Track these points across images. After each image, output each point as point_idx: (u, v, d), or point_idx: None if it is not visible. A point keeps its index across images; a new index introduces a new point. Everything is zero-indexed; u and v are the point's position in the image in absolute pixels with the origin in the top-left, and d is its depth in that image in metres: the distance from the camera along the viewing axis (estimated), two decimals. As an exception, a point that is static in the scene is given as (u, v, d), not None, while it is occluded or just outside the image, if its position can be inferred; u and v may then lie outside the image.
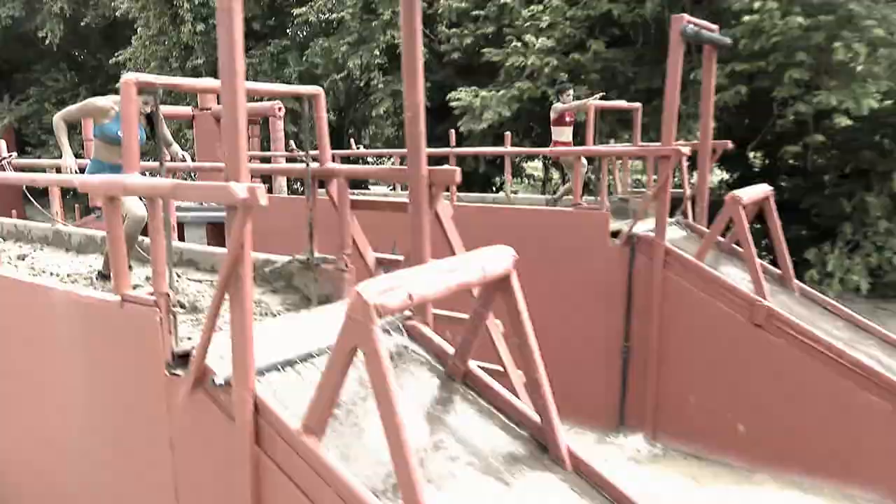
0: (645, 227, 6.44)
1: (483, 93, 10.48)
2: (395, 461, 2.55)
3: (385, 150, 12.81)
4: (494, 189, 14.10)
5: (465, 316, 3.47)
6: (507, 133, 8.15)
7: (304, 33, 12.49)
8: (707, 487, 5.76)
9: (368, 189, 11.99)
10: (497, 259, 3.15)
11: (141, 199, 3.97)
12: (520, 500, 3.14)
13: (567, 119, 7.87)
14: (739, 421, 6.02)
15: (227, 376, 2.93)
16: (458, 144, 10.94)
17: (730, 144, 7.19)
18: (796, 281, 6.66)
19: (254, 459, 2.91)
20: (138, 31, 15.94)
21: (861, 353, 5.73)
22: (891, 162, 9.65)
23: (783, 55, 8.75)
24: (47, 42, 19.96)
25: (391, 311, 2.57)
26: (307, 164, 3.92)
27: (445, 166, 3.61)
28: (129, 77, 3.05)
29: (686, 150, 6.02)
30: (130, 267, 3.88)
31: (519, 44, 10.30)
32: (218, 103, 10.22)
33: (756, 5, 8.40)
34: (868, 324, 6.36)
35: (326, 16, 11.95)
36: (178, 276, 4.83)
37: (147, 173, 4.18)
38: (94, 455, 3.74)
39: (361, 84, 11.64)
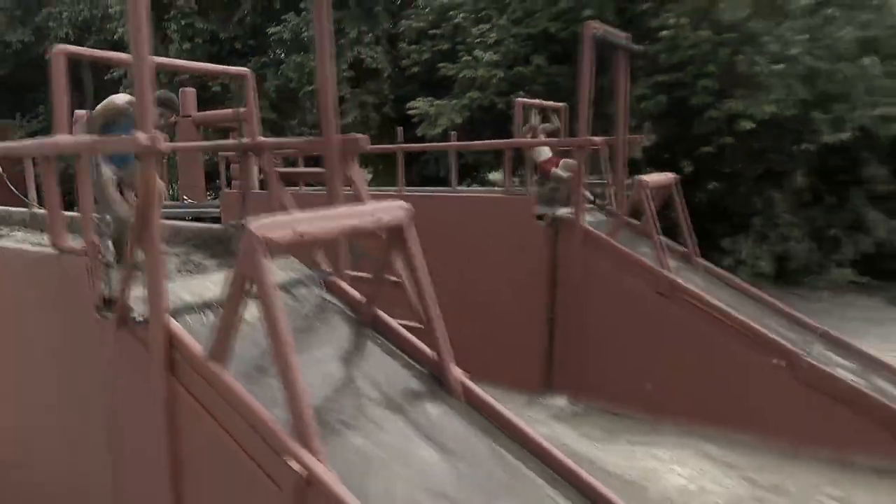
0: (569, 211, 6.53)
1: (437, 102, 10.57)
2: (284, 382, 2.56)
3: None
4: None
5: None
6: (453, 132, 8.23)
7: (281, 51, 12.52)
8: (617, 437, 5.82)
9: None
10: (391, 210, 3.19)
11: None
12: (418, 431, 3.16)
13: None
14: (647, 380, 6.09)
15: (146, 314, 2.93)
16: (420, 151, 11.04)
17: (640, 139, 7.30)
18: (700, 259, 6.78)
19: (168, 387, 2.90)
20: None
21: (753, 318, 5.86)
22: (793, 163, 9.86)
23: (697, 67, 8.94)
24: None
25: (279, 244, 2.59)
26: (239, 140, 3.95)
27: (355, 134, 3.64)
28: (59, 48, 3.06)
29: (598, 140, 6.13)
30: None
31: (469, 58, 10.40)
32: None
33: (671, 21, 8.58)
34: (759, 294, 6.52)
35: (301, 34, 12.01)
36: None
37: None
38: (38, 396, 3.70)
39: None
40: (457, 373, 3.33)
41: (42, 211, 6.18)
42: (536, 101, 7.70)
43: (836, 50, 8.75)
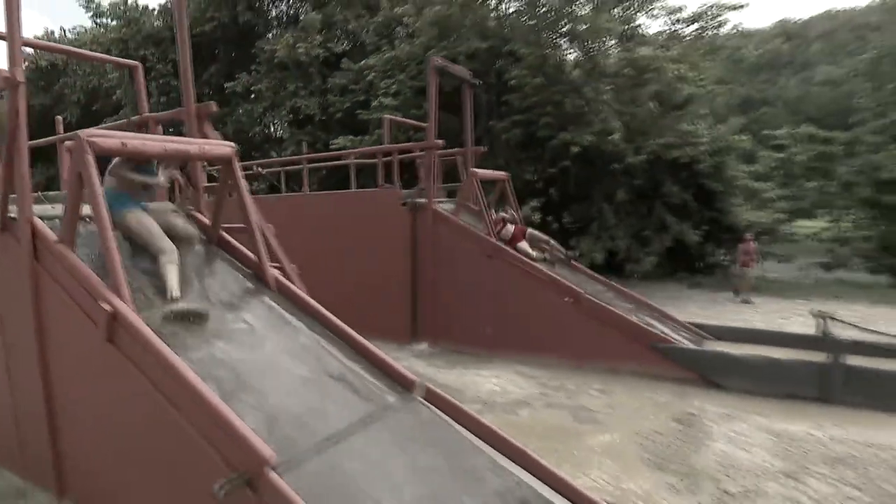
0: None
1: (354, 138, 10.99)
2: (103, 248, 2.76)
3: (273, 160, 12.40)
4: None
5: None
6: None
7: (235, 101, 12.77)
8: (456, 366, 6.10)
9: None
10: (219, 147, 3.48)
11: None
12: (239, 311, 3.37)
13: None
14: (485, 324, 6.42)
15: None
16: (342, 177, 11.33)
17: (483, 149, 7.82)
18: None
19: (33, 271, 3.06)
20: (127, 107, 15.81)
21: (553, 272, 6.32)
22: (616, 185, 10.64)
23: (540, 109, 9.69)
24: (67, 121, 19.50)
25: (102, 149, 2.83)
26: (128, 120, 4.17)
27: (208, 102, 3.93)
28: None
29: (441, 143, 6.64)
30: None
31: (377, 104, 10.91)
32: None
33: (515, 73, 9.34)
34: (574, 262, 7.02)
35: (250, 87, 12.36)
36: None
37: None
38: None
39: (275, 136, 12.03)
40: (272, 271, 3.59)
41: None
42: (401, 118, 8.21)
43: (637, 100, 9.70)
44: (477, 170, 6.70)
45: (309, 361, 3.12)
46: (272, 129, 11.87)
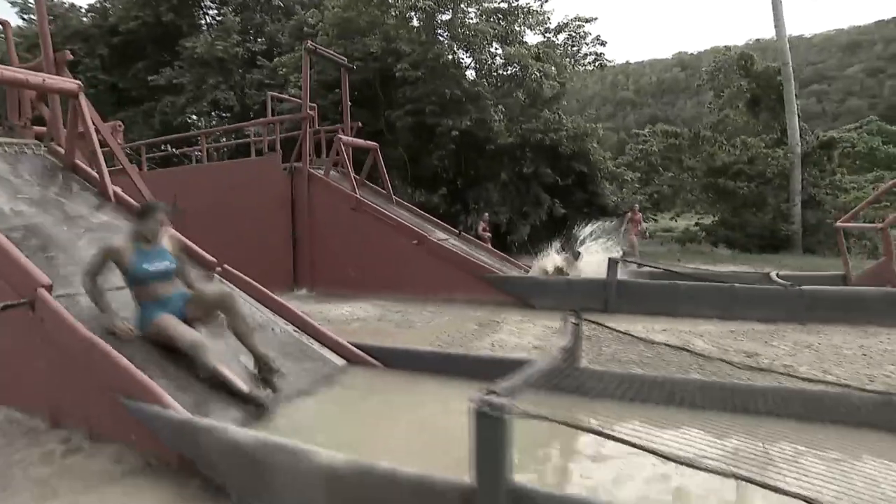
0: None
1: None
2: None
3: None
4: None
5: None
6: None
7: (160, 94, 12.88)
8: (329, 303, 6.62)
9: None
10: (62, 82, 3.94)
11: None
12: (81, 211, 3.80)
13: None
14: (351, 269, 7.02)
15: None
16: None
17: (360, 124, 8.49)
18: (395, 198, 7.96)
19: None
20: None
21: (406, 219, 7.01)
22: (499, 167, 11.57)
23: (427, 99, 10.47)
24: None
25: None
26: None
27: (64, 50, 4.35)
28: None
29: (311, 114, 7.28)
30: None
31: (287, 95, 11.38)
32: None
33: (399, 67, 10.10)
34: (413, 208, 7.79)
35: (172, 80, 12.52)
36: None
37: None
38: None
39: (200, 126, 12.28)
40: (113, 188, 4.05)
41: None
42: (285, 96, 8.79)
43: (511, 93, 10.68)
44: (343, 136, 7.35)
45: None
46: (195, 120, 12.10)
